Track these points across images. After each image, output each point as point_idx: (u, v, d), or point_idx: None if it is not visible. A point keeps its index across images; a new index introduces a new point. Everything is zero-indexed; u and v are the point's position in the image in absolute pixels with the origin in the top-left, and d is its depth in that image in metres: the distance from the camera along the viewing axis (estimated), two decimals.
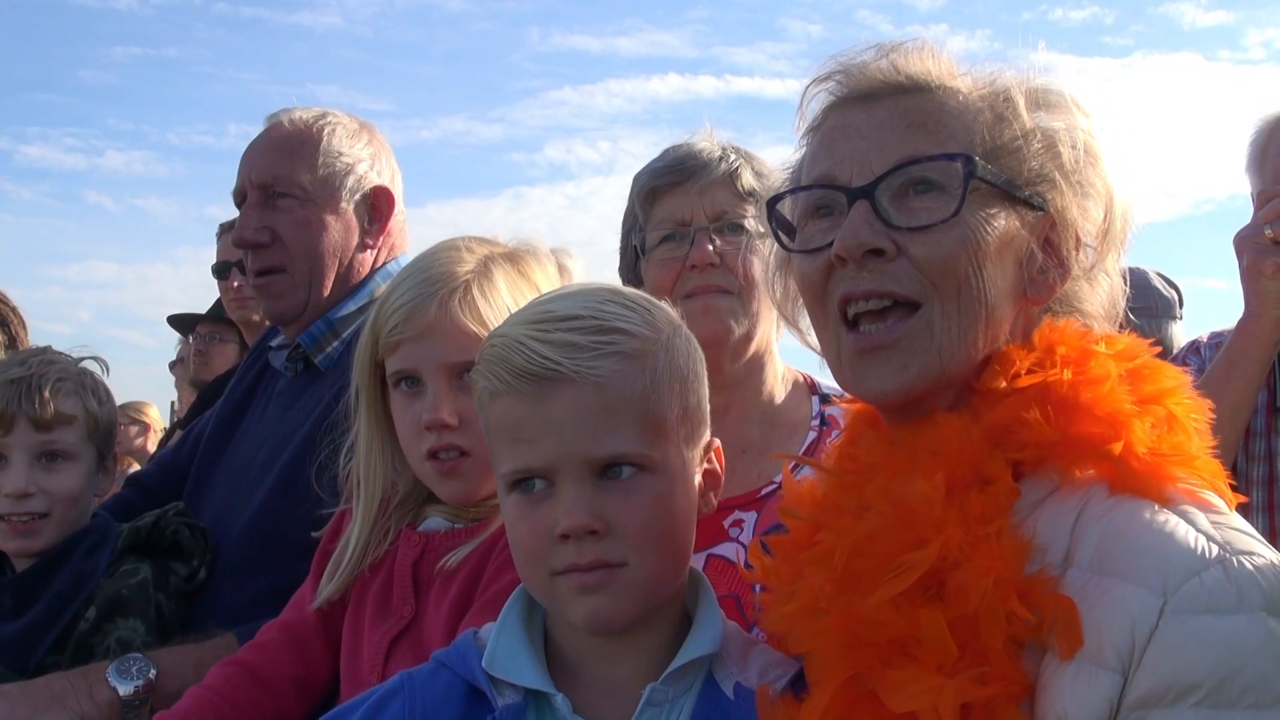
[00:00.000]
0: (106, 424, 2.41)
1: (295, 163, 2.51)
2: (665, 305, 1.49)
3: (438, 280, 1.79)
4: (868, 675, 1.22)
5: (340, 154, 2.53)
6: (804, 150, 1.45)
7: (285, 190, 2.50)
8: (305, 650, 1.94)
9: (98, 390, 2.39)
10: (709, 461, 1.48)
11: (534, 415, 1.34)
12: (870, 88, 1.36)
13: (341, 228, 2.53)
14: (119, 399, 2.63)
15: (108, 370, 2.46)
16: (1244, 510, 1.26)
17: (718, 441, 1.50)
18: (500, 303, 1.79)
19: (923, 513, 1.22)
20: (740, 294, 2.12)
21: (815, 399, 2.28)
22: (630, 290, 1.51)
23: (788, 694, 1.34)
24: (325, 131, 2.54)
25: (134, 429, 7.34)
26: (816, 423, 2.24)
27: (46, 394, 2.28)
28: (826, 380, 2.31)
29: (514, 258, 1.90)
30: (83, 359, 2.42)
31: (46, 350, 2.42)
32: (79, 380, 2.36)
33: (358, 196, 2.55)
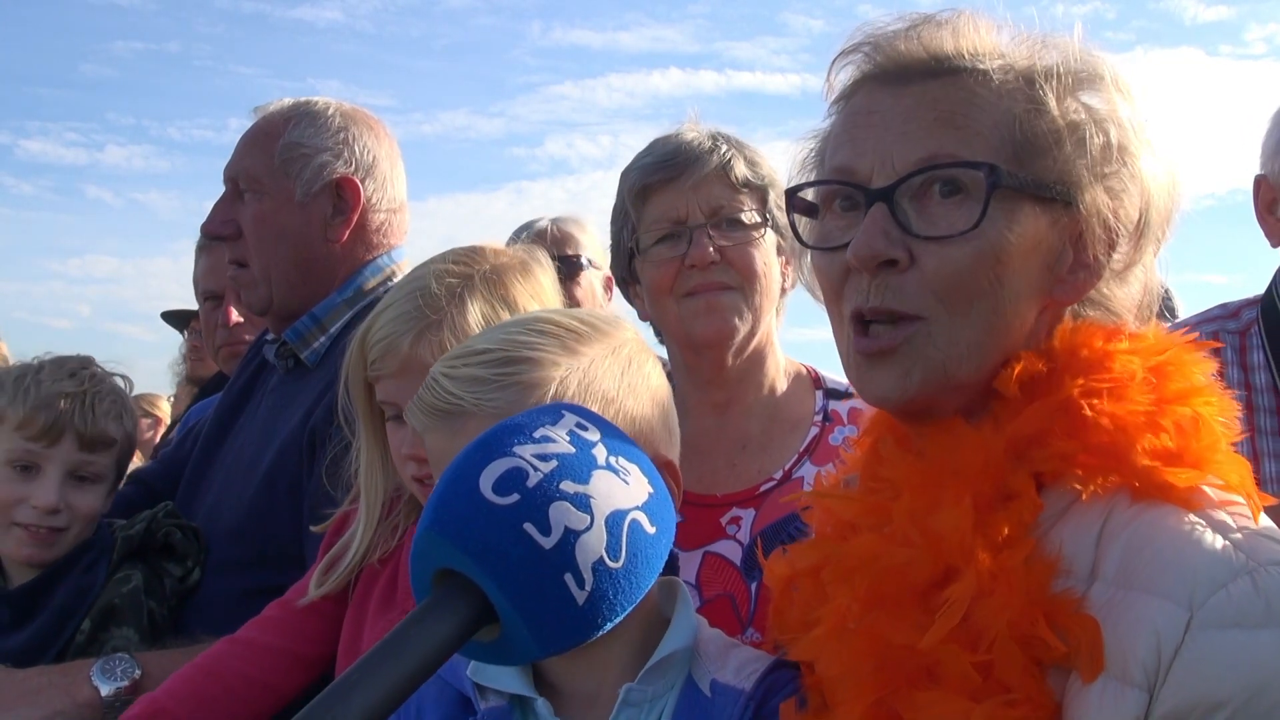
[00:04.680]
0: (132, 448, 2.41)
1: (256, 155, 2.47)
2: (621, 329, 1.52)
3: (413, 316, 1.83)
4: (893, 698, 1.19)
5: (299, 145, 2.45)
6: (831, 119, 1.38)
7: (246, 184, 2.47)
8: (306, 628, 1.97)
9: (133, 413, 2.39)
10: None
11: (449, 449, 1.39)
12: (898, 68, 1.29)
13: (299, 221, 2.45)
14: None
15: (132, 388, 2.44)
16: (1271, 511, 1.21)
17: (669, 458, 1.50)
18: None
19: (953, 540, 1.19)
20: (742, 289, 2.07)
21: (819, 393, 2.24)
22: (565, 315, 1.53)
23: (808, 710, 1.33)
24: (290, 124, 2.47)
25: (146, 421, 7.35)
26: (819, 418, 2.19)
27: (98, 413, 2.27)
28: (830, 374, 2.28)
29: (497, 278, 1.90)
30: (114, 374, 2.39)
31: (90, 363, 2.37)
32: (122, 402, 2.35)
33: (316, 188, 2.45)
